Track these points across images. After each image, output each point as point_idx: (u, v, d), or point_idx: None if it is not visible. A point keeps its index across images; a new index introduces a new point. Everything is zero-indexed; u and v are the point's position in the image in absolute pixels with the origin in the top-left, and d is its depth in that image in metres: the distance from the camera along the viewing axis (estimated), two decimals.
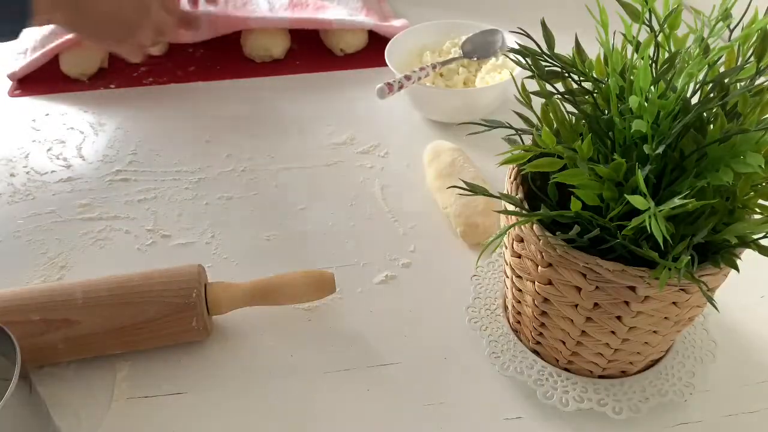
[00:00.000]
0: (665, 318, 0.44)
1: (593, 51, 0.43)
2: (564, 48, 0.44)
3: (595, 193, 0.40)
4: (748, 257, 0.41)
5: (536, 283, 0.46)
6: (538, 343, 0.51)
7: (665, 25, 0.41)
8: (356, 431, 0.50)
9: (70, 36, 0.87)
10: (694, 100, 0.41)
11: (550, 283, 0.45)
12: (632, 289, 0.41)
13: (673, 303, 0.42)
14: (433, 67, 0.78)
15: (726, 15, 0.39)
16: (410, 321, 0.58)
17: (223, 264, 0.63)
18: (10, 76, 0.89)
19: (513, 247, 0.47)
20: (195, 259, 0.61)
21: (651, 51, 0.41)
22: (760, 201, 0.41)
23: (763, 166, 0.36)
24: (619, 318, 0.44)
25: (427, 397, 0.52)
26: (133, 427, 0.50)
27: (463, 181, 0.46)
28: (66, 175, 0.74)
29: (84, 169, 0.75)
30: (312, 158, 0.76)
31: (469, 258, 0.63)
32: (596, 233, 0.40)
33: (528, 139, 0.45)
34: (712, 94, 0.41)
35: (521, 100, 0.45)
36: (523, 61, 0.44)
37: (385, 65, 0.78)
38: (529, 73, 0.44)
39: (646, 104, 0.38)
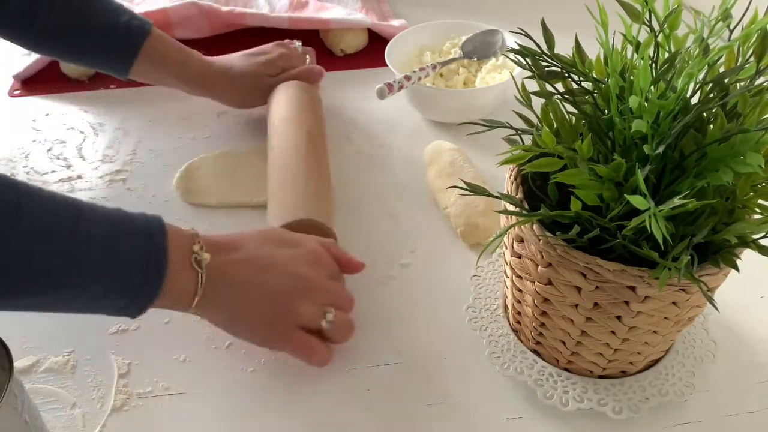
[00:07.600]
0: (665, 318, 0.44)
1: (593, 51, 0.43)
2: (564, 48, 0.44)
3: (595, 193, 0.40)
4: (748, 257, 0.41)
5: (536, 283, 0.46)
6: (538, 343, 0.51)
7: (665, 25, 0.41)
8: (356, 431, 0.50)
9: None
10: (694, 100, 0.41)
11: (550, 283, 0.45)
12: (632, 289, 0.41)
13: (673, 303, 0.42)
14: (433, 67, 0.78)
15: (726, 15, 0.39)
16: (410, 321, 0.58)
17: None
18: (16, 77, 0.89)
19: (513, 247, 0.48)
20: None
21: (651, 51, 0.41)
22: (760, 201, 0.41)
23: (763, 166, 0.36)
24: (619, 318, 0.44)
25: (427, 397, 0.52)
26: (133, 427, 0.50)
27: (463, 181, 0.46)
28: (66, 175, 0.74)
29: (84, 169, 0.75)
30: None
31: (469, 258, 0.63)
32: (596, 233, 0.40)
33: (528, 139, 0.45)
34: (712, 94, 0.41)
35: (521, 100, 0.45)
36: (523, 61, 0.44)
37: (385, 65, 0.78)
38: (529, 73, 0.44)
39: (646, 104, 0.38)
